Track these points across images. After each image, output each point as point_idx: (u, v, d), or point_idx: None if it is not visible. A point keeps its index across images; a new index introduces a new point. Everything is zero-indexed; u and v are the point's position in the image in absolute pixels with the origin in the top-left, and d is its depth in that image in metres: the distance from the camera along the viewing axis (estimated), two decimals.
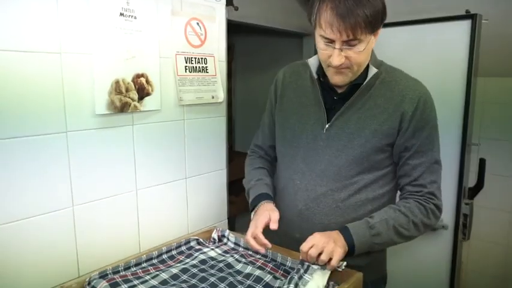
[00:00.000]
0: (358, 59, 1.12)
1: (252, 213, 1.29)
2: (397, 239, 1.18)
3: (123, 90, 1.23)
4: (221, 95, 1.54)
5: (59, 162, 1.13)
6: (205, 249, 1.35)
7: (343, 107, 1.21)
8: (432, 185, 1.20)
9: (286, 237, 1.28)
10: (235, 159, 2.77)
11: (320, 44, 1.13)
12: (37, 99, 1.06)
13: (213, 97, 1.51)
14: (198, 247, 1.37)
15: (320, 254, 1.08)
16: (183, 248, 1.35)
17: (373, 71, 1.19)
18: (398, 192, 1.28)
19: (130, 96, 1.25)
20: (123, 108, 1.24)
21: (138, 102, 1.27)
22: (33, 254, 1.10)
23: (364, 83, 1.19)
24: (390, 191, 1.26)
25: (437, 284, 1.93)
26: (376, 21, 1.07)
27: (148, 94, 1.30)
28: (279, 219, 1.22)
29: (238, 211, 2.84)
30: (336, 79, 1.18)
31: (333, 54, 1.11)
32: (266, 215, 1.21)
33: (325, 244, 1.09)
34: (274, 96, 1.40)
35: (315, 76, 1.26)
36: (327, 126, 1.23)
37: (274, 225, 1.18)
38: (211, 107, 1.54)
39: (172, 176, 1.44)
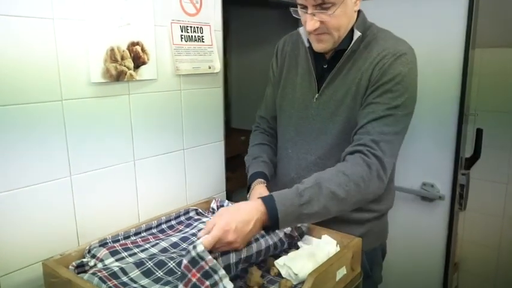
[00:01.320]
0: (334, 23, 1.11)
1: (248, 195, 1.27)
2: (332, 205, 1.01)
3: (118, 58, 1.20)
4: (218, 65, 1.52)
5: (56, 131, 1.11)
6: (204, 219, 1.35)
7: (330, 75, 1.20)
8: (380, 136, 1.06)
9: None
10: (232, 136, 2.77)
11: (299, 11, 1.14)
12: (30, 66, 1.03)
13: (209, 67, 1.49)
14: (197, 217, 1.37)
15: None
16: (182, 218, 1.35)
17: (356, 35, 1.17)
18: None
19: (125, 64, 1.22)
20: (119, 76, 1.21)
21: (134, 71, 1.25)
22: (32, 223, 1.09)
23: (348, 48, 1.17)
24: None
25: (434, 253, 1.96)
26: None
27: (144, 63, 1.28)
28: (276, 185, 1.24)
29: (235, 187, 2.85)
30: (317, 46, 1.18)
31: (306, 19, 1.11)
32: None
33: (229, 239, 0.90)
34: (275, 65, 1.39)
35: (307, 44, 1.25)
36: (317, 95, 1.23)
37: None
38: (208, 78, 1.51)
39: (170, 147, 1.42)
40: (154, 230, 1.27)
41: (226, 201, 1.45)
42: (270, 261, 1.10)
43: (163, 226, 1.29)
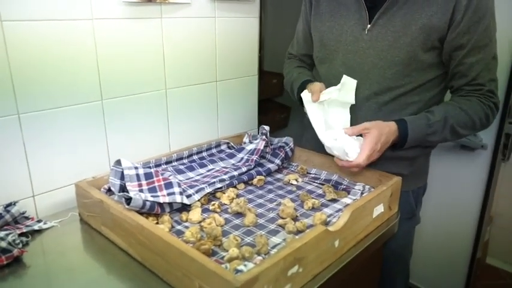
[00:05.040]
0: None
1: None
2: (450, 137, 1.13)
3: None
4: None
5: (86, 50, 1.07)
6: (239, 155, 1.31)
7: (387, 3, 1.08)
8: (491, 83, 1.11)
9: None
10: (263, 78, 2.67)
11: None
12: None
13: None
14: (228, 151, 1.33)
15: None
16: (214, 150, 1.32)
17: None
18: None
19: None
20: None
21: None
22: (65, 147, 1.09)
23: None
24: (439, 93, 1.17)
25: (470, 204, 1.89)
26: None
27: None
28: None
29: None
30: None
31: None
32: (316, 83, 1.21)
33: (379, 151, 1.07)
34: None
35: None
36: (368, 26, 1.12)
37: (315, 96, 1.16)
38: (245, 6, 1.42)
39: (203, 77, 1.37)
40: (185, 160, 1.24)
41: (259, 135, 1.39)
42: (303, 195, 1.07)
43: (195, 157, 1.27)
